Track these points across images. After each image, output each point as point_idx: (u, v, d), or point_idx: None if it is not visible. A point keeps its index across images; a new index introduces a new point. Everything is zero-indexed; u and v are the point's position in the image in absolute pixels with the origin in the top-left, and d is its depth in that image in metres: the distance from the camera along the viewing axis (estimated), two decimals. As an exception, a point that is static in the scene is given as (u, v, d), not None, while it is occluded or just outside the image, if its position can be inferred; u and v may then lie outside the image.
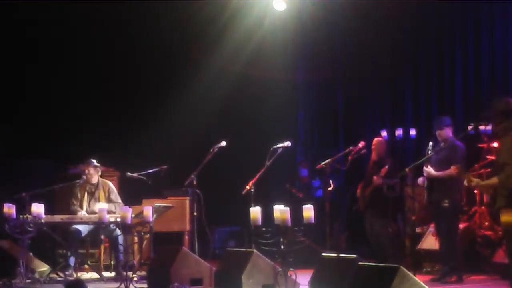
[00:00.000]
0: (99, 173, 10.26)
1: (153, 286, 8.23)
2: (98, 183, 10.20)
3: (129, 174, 10.27)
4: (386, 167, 9.88)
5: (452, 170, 8.66)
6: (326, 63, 13.57)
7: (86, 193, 10.16)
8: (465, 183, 7.79)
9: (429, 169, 8.79)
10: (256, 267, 7.47)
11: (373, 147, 10.23)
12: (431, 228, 9.73)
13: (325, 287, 6.69)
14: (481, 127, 9.38)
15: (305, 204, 7.28)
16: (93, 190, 10.17)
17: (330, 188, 9.99)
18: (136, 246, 9.91)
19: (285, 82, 13.73)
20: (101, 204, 9.83)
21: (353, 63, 13.28)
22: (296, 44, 13.73)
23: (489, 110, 7.55)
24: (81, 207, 10.06)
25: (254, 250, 7.68)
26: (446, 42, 12.08)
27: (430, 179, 8.88)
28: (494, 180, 7.08)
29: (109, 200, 10.11)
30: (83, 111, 12.88)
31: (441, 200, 8.75)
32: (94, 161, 10.16)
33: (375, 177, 9.97)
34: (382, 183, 9.90)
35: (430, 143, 8.88)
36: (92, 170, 10.13)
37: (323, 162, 9.38)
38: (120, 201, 10.16)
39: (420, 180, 9.40)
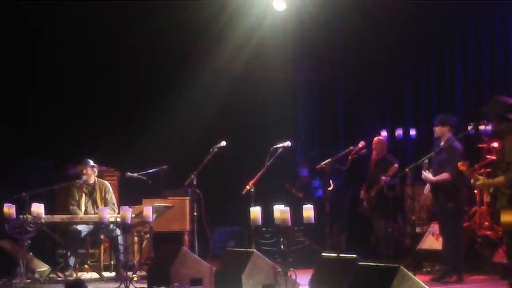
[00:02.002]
0: (96, 173, 10.26)
1: (153, 286, 8.23)
2: (95, 183, 10.20)
3: (129, 174, 10.28)
4: (396, 165, 9.79)
5: (445, 175, 8.63)
6: (326, 63, 13.58)
7: (83, 194, 10.16)
8: (471, 182, 7.79)
9: (428, 174, 8.70)
10: (256, 267, 7.47)
11: (373, 146, 10.22)
12: (431, 228, 9.73)
13: (325, 287, 6.68)
14: (481, 127, 9.38)
15: (305, 204, 7.28)
16: (90, 190, 10.18)
17: (330, 188, 9.99)
18: (136, 246, 9.91)
19: (285, 82, 13.73)
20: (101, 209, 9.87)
21: (353, 63, 13.28)
22: (296, 44, 13.73)
23: (487, 111, 7.57)
24: (79, 208, 10.07)
25: (254, 250, 7.68)
26: (446, 42, 12.08)
27: (433, 184, 8.83)
28: (501, 179, 7.07)
29: (104, 200, 10.11)
30: (83, 111, 12.88)
31: (446, 201, 8.73)
32: (91, 161, 10.15)
33: (383, 178, 9.88)
34: (391, 182, 9.78)
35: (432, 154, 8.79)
36: (89, 171, 10.12)
37: (323, 162, 9.37)
38: (114, 201, 10.18)
39: (427, 188, 9.27)
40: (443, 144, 8.71)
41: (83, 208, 10.08)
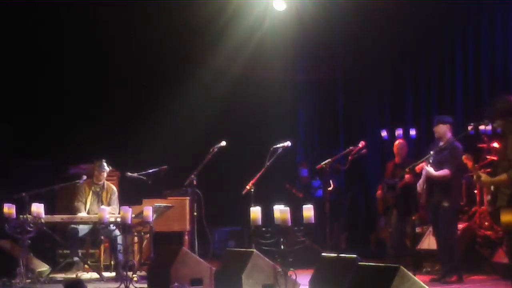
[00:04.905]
0: (105, 176, 10.31)
1: (153, 286, 8.23)
2: (103, 185, 10.26)
3: (129, 174, 10.28)
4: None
5: (446, 171, 8.63)
6: (326, 63, 13.58)
7: (91, 192, 10.19)
8: (474, 178, 7.78)
9: (430, 168, 8.72)
10: (256, 267, 7.46)
11: (395, 150, 10.19)
12: (431, 228, 9.72)
13: (325, 287, 6.68)
14: (481, 127, 9.38)
15: (305, 204, 7.28)
16: (98, 190, 10.22)
17: (330, 188, 9.99)
18: (136, 246, 9.90)
19: (285, 82, 13.73)
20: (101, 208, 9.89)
21: (353, 63, 13.29)
22: (296, 44, 13.74)
23: (490, 109, 7.55)
24: (84, 205, 10.08)
25: (254, 250, 7.68)
26: (446, 42, 12.09)
27: (430, 180, 8.84)
28: (503, 176, 7.06)
29: (109, 202, 10.14)
30: (83, 111, 12.88)
31: (441, 201, 8.74)
32: (105, 164, 10.17)
33: (407, 176, 9.67)
34: (412, 182, 9.70)
35: (431, 152, 8.78)
36: (96, 172, 10.21)
37: (323, 162, 9.36)
38: (116, 206, 10.19)
39: (420, 184, 9.25)
40: (442, 144, 8.71)
41: (88, 206, 10.10)
